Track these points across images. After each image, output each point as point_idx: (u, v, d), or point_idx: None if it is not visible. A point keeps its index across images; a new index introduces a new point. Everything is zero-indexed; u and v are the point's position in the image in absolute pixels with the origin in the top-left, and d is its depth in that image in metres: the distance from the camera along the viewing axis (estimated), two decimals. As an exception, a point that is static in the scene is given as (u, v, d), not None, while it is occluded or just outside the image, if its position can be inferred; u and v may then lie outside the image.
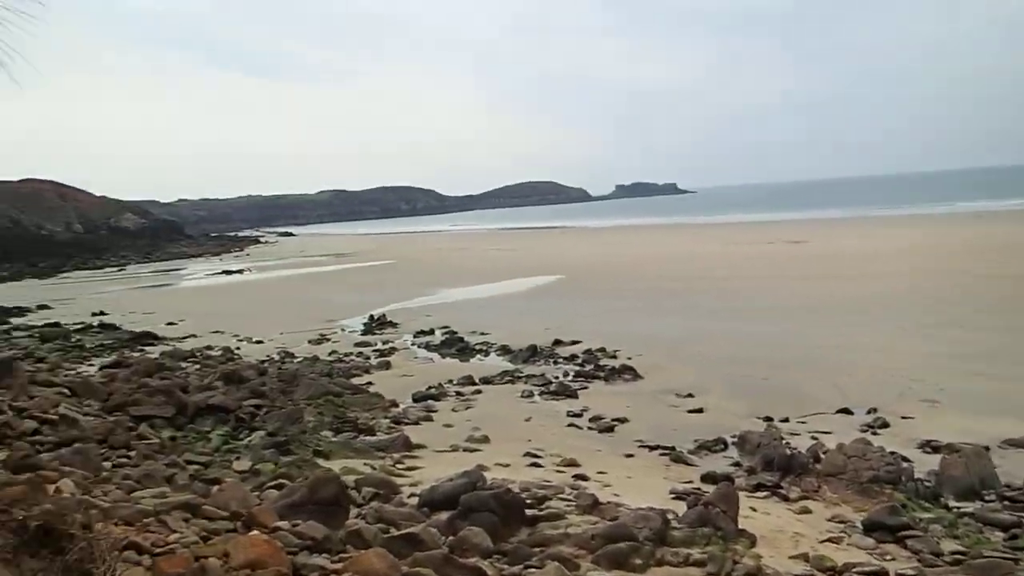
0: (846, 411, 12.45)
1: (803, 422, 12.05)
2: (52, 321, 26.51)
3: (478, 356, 18.74)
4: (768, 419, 12.15)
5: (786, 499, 8.91)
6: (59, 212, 75.19)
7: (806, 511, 8.38)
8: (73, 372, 16.31)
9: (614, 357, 17.23)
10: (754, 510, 8.13)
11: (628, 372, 15.82)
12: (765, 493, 9.08)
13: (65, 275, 53.98)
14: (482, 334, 20.76)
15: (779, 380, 14.55)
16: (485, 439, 11.65)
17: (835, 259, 34.63)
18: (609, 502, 7.97)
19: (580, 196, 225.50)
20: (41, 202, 74.09)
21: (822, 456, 9.89)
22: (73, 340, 22.11)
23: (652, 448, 11.19)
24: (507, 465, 10.00)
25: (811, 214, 78.70)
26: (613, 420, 12.58)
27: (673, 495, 8.76)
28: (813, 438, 11.11)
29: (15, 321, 27.79)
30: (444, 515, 7.11)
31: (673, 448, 11.04)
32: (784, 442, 10.64)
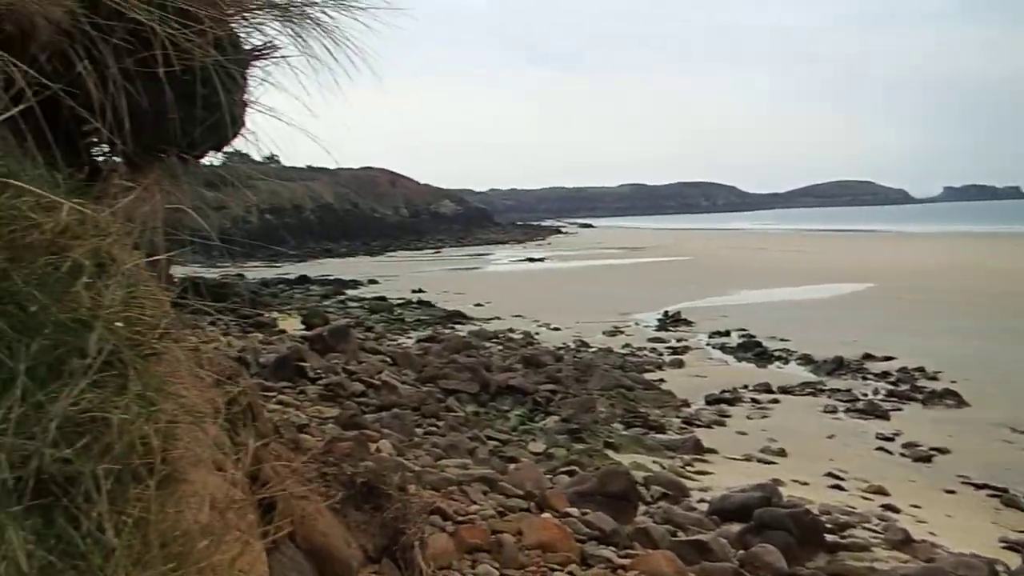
0: None
1: None
2: (379, 295, 29.72)
3: (776, 363, 17.92)
4: None
5: None
6: (389, 197, 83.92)
7: None
8: (394, 343, 18.08)
9: (934, 379, 15.58)
10: (1112, 578, 6.84)
11: (951, 397, 14.17)
12: None
13: (391, 254, 60.31)
14: (782, 340, 19.74)
15: None
16: (781, 452, 11.14)
17: None
18: (924, 541, 7.26)
19: (900, 198, 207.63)
20: (375, 188, 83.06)
21: None
22: (395, 314, 24.60)
23: (979, 487, 10.04)
24: (805, 484, 9.49)
25: None
26: (931, 449, 11.44)
27: (1004, 544, 7.84)
28: None
29: (350, 293, 31.58)
30: (735, 527, 6.87)
31: (1006, 490, 9.81)
32: None
